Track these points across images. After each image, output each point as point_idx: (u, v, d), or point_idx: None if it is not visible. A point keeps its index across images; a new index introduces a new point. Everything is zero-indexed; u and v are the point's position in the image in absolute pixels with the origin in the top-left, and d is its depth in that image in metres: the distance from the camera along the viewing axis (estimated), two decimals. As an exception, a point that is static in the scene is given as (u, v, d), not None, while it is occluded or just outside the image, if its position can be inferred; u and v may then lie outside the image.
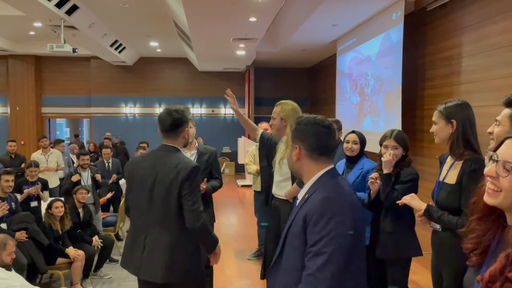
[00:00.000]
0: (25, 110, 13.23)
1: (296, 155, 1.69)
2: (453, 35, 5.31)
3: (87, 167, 6.00)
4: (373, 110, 7.27)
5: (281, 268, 1.68)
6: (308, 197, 1.62)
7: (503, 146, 1.10)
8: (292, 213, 1.69)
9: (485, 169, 1.11)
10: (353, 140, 3.29)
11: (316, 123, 1.70)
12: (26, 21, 8.94)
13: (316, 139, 1.68)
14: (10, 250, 3.46)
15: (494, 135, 1.98)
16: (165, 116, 2.39)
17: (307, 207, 1.58)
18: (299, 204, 1.67)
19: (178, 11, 7.26)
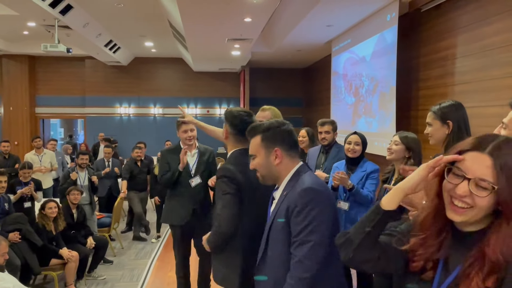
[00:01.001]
0: (19, 110, 13.15)
1: (279, 158, 1.78)
2: (448, 36, 5.33)
3: (85, 167, 5.98)
4: (368, 111, 7.29)
5: (268, 263, 1.76)
6: (287, 193, 1.73)
7: (469, 162, 1.02)
8: (272, 211, 1.79)
9: (455, 188, 1.03)
10: (355, 141, 3.27)
11: (285, 123, 1.86)
12: (20, 21, 8.88)
13: (291, 138, 1.83)
14: (2, 251, 3.44)
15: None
16: (249, 118, 2.40)
17: (287, 201, 1.70)
18: (278, 201, 1.78)
19: (172, 11, 7.24)
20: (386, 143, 6.46)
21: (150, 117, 14.05)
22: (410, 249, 1.13)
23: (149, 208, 7.63)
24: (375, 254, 1.17)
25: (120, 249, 6.22)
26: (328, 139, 3.90)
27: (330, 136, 3.91)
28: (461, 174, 1.02)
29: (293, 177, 1.78)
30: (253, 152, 1.86)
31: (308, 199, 1.63)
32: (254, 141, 1.85)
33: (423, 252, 1.10)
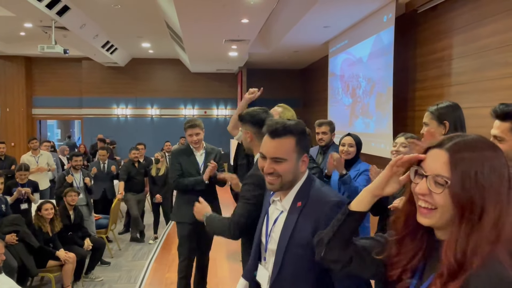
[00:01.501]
0: (16, 111, 13.11)
1: (305, 164, 1.60)
2: (444, 37, 5.36)
3: (80, 168, 5.97)
4: (365, 112, 7.31)
5: (289, 280, 1.55)
6: (305, 204, 1.54)
7: (429, 159, 0.99)
8: (286, 224, 1.56)
9: (416, 187, 1.00)
10: (349, 143, 3.26)
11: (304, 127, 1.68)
12: (17, 22, 8.86)
13: (308, 143, 1.67)
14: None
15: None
16: (267, 114, 2.37)
17: (314, 214, 1.49)
18: (291, 213, 1.56)
19: (170, 12, 7.24)
20: (384, 144, 6.49)
21: (147, 118, 14.04)
22: (387, 256, 1.09)
23: (147, 209, 7.62)
24: (346, 255, 1.15)
25: (118, 250, 6.21)
26: (325, 140, 3.91)
27: (327, 137, 3.92)
28: (421, 173, 1.00)
29: (304, 185, 1.59)
30: (283, 155, 1.54)
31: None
32: (285, 143, 1.54)
33: (398, 259, 1.06)
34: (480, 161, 0.94)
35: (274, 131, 1.54)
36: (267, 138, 1.57)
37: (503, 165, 0.96)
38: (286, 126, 1.54)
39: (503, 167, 0.95)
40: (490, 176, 0.93)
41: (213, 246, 4.25)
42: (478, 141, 0.99)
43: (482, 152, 0.96)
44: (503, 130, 1.79)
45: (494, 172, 0.94)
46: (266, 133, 1.57)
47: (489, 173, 0.93)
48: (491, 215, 0.91)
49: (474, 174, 0.93)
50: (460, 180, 0.93)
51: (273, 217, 1.64)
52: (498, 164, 0.95)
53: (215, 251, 5.12)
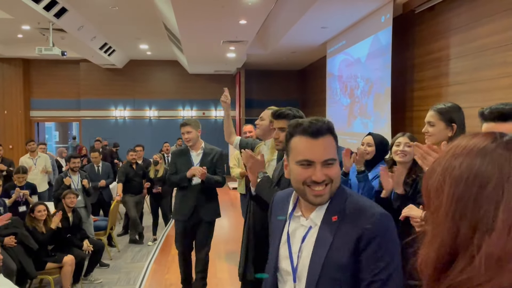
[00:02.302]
0: (14, 113, 13.09)
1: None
2: (441, 37, 5.37)
3: (77, 170, 5.96)
4: (363, 112, 7.32)
5: None
6: (342, 218, 1.31)
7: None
8: (321, 243, 1.31)
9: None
10: (368, 143, 3.10)
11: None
12: (14, 24, 8.85)
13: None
14: None
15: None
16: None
17: (356, 231, 1.26)
18: (325, 229, 1.31)
19: (167, 13, 7.25)
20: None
21: (146, 119, 14.03)
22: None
23: (146, 210, 7.61)
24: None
25: (117, 252, 6.20)
26: None
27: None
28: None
29: (338, 194, 1.35)
30: (334, 155, 1.32)
31: (387, 226, 1.27)
32: (330, 141, 1.33)
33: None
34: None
35: (317, 130, 1.30)
36: (308, 140, 1.30)
37: None
38: (326, 122, 1.33)
39: None
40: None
41: (212, 246, 4.25)
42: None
43: None
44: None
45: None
46: (303, 134, 1.32)
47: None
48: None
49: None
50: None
51: (299, 235, 1.35)
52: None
53: (214, 252, 5.12)
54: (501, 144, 0.67)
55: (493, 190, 0.63)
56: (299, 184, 1.32)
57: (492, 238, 0.61)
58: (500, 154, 0.66)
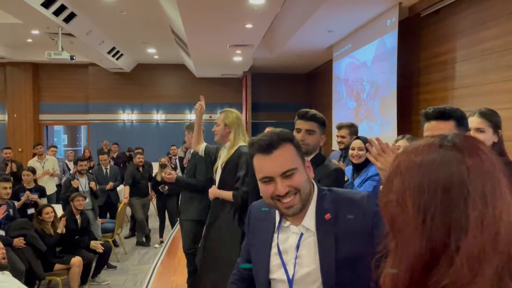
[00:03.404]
0: (23, 117, 13.24)
1: (311, 170, 1.40)
2: (447, 40, 5.37)
3: (85, 173, 6.03)
4: (369, 115, 7.32)
5: None
6: (336, 213, 1.32)
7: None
8: (325, 247, 1.29)
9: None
10: (358, 147, 3.20)
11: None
12: (24, 29, 8.97)
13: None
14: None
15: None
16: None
17: (357, 219, 1.29)
18: (322, 230, 1.31)
19: (175, 18, 7.31)
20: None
21: (153, 123, 14.11)
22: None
23: (152, 213, 7.67)
24: None
25: (124, 254, 6.25)
26: (344, 143, 3.91)
27: (346, 140, 3.90)
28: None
29: (320, 194, 1.37)
30: (291, 165, 1.30)
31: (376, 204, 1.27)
32: (285, 151, 1.31)
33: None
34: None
35: (268, 145, 1.29)
36: (262, 157, 1.30)
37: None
38: (277, 134, 1.32)
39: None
40: None
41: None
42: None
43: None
44: (450, 129, 1.76)
45: None
46: (257, 152, 1.31)
47: None
48: None
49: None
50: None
51: (292, 244, 1.33)
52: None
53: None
54: (449, 147, 0.70)
55: (458, 191, 0.65)
56: (269, 200, 1.32)
57: (468, 237, 0.62)
58: (453, 156, 0.68)
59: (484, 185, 0.65)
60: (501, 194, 0.66)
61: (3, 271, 3.42)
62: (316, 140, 2.35)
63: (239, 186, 3.04)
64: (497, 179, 0.67)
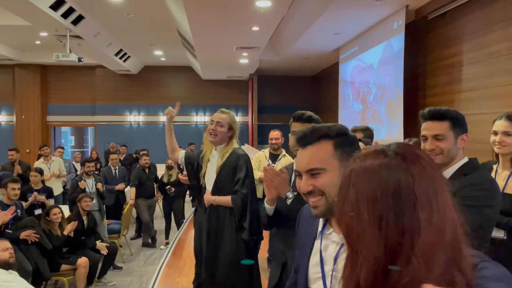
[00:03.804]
0: (31, 118, 13.35)
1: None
2: (454, 43, 5.36)
3: (92, 174, 6.07)
4: (376, 118, 7.31)
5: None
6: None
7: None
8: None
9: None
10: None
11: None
12: (32, 31, 9.06)
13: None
14: (2, 247, 3.49)
15: (442, 150, 1.84)
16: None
17: None
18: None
19: (181, 20, 7.36)
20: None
21: (159, 125, 14.17)
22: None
23: (158, 215, 7.70)
24: None
25: (129, 255, 6.28)
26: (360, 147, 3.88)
27: (360, 144, 3.87)
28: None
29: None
30: (317, 165, 1.21)
31: None
32: (317, 149, 1.23)
33: None
34: None
35: (303, 139, 1.24)
36: (299, 150, 1.25)
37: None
38: (318, 129, 1.24)
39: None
40: None
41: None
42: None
43: None
44: (445, 129, 1.83)
45: None
46: (297, 145, 1.26)
47: None
48: None
49: None
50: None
51: (331, 254, 1.22)
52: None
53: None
54: (393, 156, 0.76)
55: (407, 197, 0.71)
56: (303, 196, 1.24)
57: (422, 237, 0.69)
58: (398, 164, 0.75)
59: (428, 189, 0.73)
60: (442, 196, 0.74)
61: (10, 271, 3.46)
62: None
63: (239, 189, 2.87)
64: (438, 182, 0.75)
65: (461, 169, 1.84)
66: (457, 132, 1.83)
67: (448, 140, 1.82)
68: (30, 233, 4.28)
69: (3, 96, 13.35)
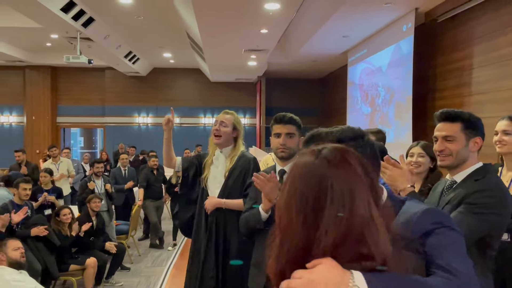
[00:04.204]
0: (41, 119, 13.49)
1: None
2: (464, 46, 5.33)
3: (101, 175, 6.11)
4: (384, 121, 7.28)
5: None
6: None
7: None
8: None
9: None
10: None
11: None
12: (43, 33, 9.16)
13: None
14: (13, 246, 3.52)
15: (451, 151, 1.83)
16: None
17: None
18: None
19: (190, 22, 7.40)
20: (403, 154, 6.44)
21: (168, 126, 14.22)
22: None
23: (166, 216, 7.72)
24: None
25: (137, 256, 6.31)
26: None
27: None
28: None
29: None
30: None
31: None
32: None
33: None
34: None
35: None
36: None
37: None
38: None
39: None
40: None
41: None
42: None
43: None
44: (455, 131, 1.83)
45: None
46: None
47: None
48: None
49: None
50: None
51: None
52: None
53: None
54: (321, 159, 0.91)
55: (324, 198, 0.86)
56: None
57: (328, 234, 0.84)
58: (323, 169, 0.89)
59: (344, 191, 0.86)
60: (359, 196, 0.87)
61: (20, 271, 3.50)
62: (296, 143, 2.30)
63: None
64: (357, 185, 0.88)
65: (473, 174, 1.81)
66: (468, 135, 1.81)
67: (458, 142, 1.81)
68: (41, 230, 4.32)
69: (14, 97, 13.51)
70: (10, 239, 3.61)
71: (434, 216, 1.13)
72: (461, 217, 1.70)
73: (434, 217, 1.13)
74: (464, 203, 1.73)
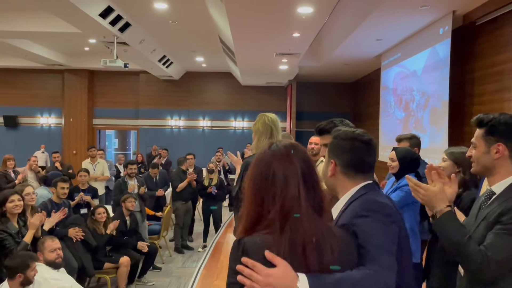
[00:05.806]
0: (78, 121, 13.94)
1: (331, 170, 1.55)
2: (504, 50, 5.15)
3: (134, 176, 6.25)
4: (419, 126, 7.11)
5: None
6: (345, 209, 1.48)
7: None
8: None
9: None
10: (391, 158, 3.19)
11: (354, 138, 1.55)
12: (82, 38, 9.46)
13: (351, 155, 1.53)
14: (52, 247, 3.62)
15: (473, 158, 1.80)
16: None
17: (344, 218, 1.43)
18: (335, 219, 1.50)
19: (223, 27, 7.47)
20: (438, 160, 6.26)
21: (199, 129, 14.41)
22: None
23: (196, 217, 7.81)
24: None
25: (168, 256, 6.40)
26: None
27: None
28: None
29: (354, 195, 1.51)
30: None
31: (367, 206, 1.47)
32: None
33: None
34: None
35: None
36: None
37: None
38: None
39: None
40: None
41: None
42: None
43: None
44: (477, 137, 1.79)
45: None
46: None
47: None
48: None
49: None
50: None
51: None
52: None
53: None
54: (270, 150, 1.28)
55: (269, 181, 1.23)
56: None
57: (275, 206, 1.21)
58: (270, 158, 1.26)
59: (281, 179, 1.22)
60: (291, 183, 1.22)
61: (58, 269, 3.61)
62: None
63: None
64: (292, 176, 1.23)
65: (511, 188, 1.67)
66: (488, 141, 1.72)
67: (478, 148, 1.76)
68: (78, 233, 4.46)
69: (54, 100, 14.03)
70: (48, 238, 3.71)
71: (370, 205, 1.42)
72: (497, 240, 1.57)
73: (369, 206, 1.42)
74: (499, 223, 1.60)
